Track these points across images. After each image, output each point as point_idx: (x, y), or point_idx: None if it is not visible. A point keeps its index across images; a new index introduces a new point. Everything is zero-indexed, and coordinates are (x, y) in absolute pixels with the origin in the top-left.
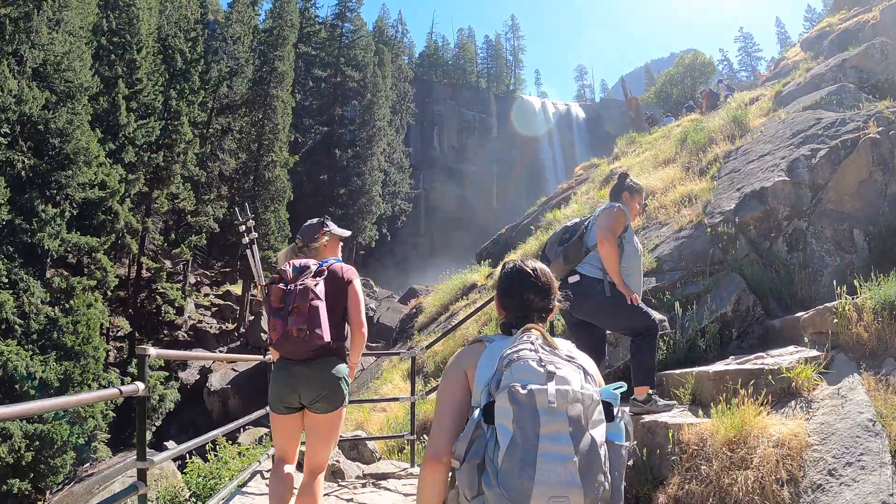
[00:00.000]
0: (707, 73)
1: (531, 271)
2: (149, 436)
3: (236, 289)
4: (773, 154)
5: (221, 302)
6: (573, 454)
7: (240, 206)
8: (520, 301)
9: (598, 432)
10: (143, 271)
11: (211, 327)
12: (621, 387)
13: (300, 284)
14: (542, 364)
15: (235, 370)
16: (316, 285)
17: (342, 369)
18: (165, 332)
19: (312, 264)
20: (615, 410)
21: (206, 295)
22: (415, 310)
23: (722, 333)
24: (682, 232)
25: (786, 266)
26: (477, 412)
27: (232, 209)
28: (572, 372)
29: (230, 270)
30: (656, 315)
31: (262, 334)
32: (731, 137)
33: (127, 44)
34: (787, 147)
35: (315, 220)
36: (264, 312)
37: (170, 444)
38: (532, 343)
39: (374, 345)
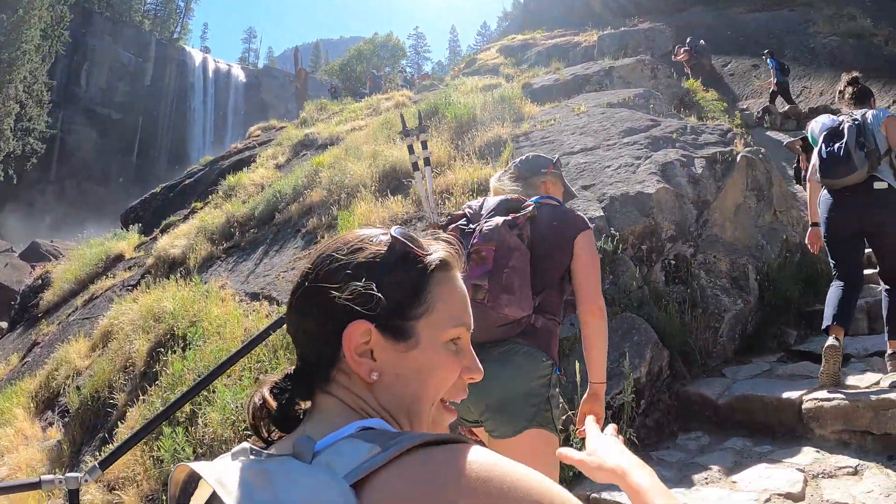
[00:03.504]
0: (397, 56)
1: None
2: None
3: None
4: (613, 150)
5: None
6: None
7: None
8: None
9: None
10: None
11: None
12: None
13: (487, 222)
14: None
15: None
16: (513, 225)
17: (538, 368)
18: None
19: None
20: None
21: None
22: (41, 280)
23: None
24: None
25: (673, 304)
26: None
27: None
28: None
29: None
30: None
31: None
32: (509, 121)
33: None
34: (629, 146)
35: (545, 155)
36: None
37: None
38: None
39: None
